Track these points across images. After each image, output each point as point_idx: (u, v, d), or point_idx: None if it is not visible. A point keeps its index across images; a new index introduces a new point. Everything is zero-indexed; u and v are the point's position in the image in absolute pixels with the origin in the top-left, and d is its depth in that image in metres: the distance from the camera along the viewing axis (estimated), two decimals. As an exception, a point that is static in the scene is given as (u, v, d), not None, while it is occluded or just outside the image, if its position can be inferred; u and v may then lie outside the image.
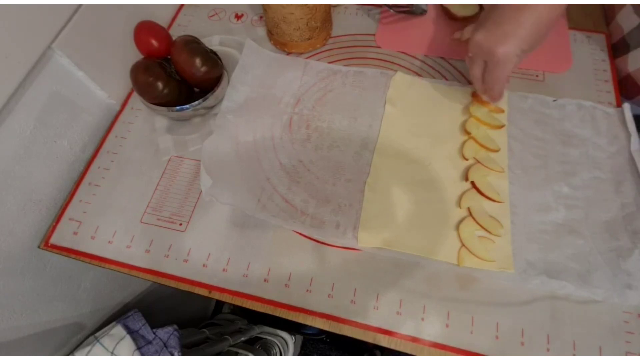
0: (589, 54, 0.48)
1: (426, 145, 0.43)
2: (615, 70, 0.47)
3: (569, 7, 0.52)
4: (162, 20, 0.56)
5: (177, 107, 0.44)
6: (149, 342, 0.45)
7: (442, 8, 0.53)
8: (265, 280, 0.38)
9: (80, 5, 0.41)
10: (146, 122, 0.48)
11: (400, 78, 0.48)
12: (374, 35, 0.53)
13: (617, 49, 0.48)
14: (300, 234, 0.40)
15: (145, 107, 0.45)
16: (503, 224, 0.38)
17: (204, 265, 0.39)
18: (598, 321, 0.34)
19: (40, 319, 0.45)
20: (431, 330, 0.35)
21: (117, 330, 0.44)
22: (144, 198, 0.43)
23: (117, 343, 0.43)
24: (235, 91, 0.47)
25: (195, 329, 0.65)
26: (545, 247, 0.37)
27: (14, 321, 0.41)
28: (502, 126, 0.43)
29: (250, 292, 0.38)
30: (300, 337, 0.94)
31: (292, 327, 0.88)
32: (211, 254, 0.40)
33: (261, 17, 0.56)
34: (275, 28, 0.49)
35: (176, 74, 0.44)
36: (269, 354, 0.78)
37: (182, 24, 0.57)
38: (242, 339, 0.73)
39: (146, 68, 0.42)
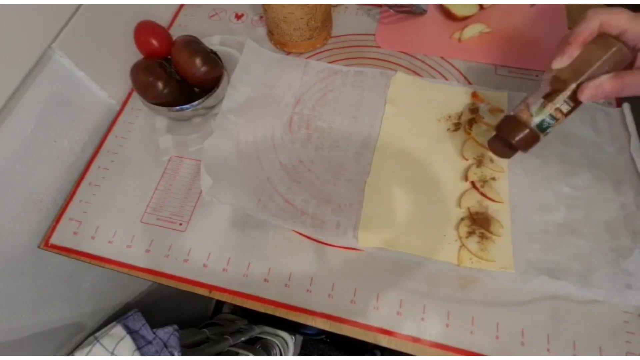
0: (589, 54, 0.48)
1: (426, 145, 0.43)
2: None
3: (569, 8, 0.52)
4: (163, 20, 0.56)
5: (177, 107, 0.43)
6: (149, 342, 0.45)
7: (442, 8, 0.53)
8: (265, 280, 0.38)
9: (80, 5, 0.41)
10: (146, 122, 0.48)
11: (401, 78, 0.48)
12: (374, 35, 0.53)
13: None
14: (301, 233, 0.40)
15: (146, 107, 0.45)
16: (503, 224, 0.38)
17: (204, 265, 0.39)
18: (598, 321, 0.34)
19: (41, 319, 0.45)
20: (431, 330, 0.35)
21: (117, 330, 0.44)
22: (144, 198, 0.43)
23: (117, 343, 0.43)
24: (235, 91, 0.47)
25: (196, 329, 0.65)
26: (546, 247, 0.37)
27: (14, 321, 0.41)
28: (502, 126, 0.43)
29: (250, 292, 0.38)
30: (300, 337, 0.94)
31: (293, 327, 0.88)
32: (211, 253, 0.40)
33: (261, 17, 0.56)
34: (275, 28, 0.49)
35: (176, 74, 0.44)
36: (269, 354, 0.78)
37: (182, 23, 0.57)
38: (243, 339, 0.73)
39: (146, 68, 0.42)
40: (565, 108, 0.32)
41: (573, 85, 0.32)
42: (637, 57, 0.31)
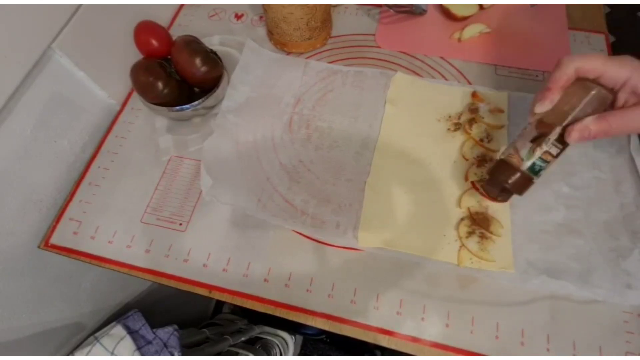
0: (588, 54, 0.49)
1: (426, 145, 0.43)
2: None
3: (569, 8, 0.52)
4: (163, 20, 0.56)
5: (177, 107, 0.44)
6: (149, 342, 0.45)
7: (442, 8, 0.53)
8: (265, 280, 0.38)
9: (80, 5, 0.41)
10: (146, 122, 0.48)
11: (401, 78, 0.48)
12: (373, 35, 0.53)
13: None
14: (301, 233, 0.40)
15: (146, 107, 0.45)
16: (503, 224, 0.38)
17: (204, 265, 0.39)
18: (598, 321, 0.34)
19: (41, 319, 0.45)
20: (431, 330, 0.35)
21: (117, 330, 0.44)
22: (144, 198, 0.43)
23: (117, 343, 0.43)
24: (235, 91, 0.47)
25: (196, 329, 0.65)
26: (546, 247, 0.37)
27: (14, 321, 0.41)
28: (502, 126, 0.43)
29: (250, 292, 0.38)
30: (300, 337, 0.94)
31: (292, 327, 0.88)
32: (211, 253, 0.40)
33: (261, 17, 0.56)
34: (275, 28, 0.49)
35: (176, 74, 0.44)
36: (269, 354, 0.78)
37: (182, 23, 0.57)
38: (242, 339, 0.73)
39: (146, 68, 0.42)
40: (554, 151, 0.33)
41: (558, 129, 0.32)
42: (618, 98, 0.32)
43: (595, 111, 0.32)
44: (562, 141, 0.33)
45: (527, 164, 0.33)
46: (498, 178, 0.36)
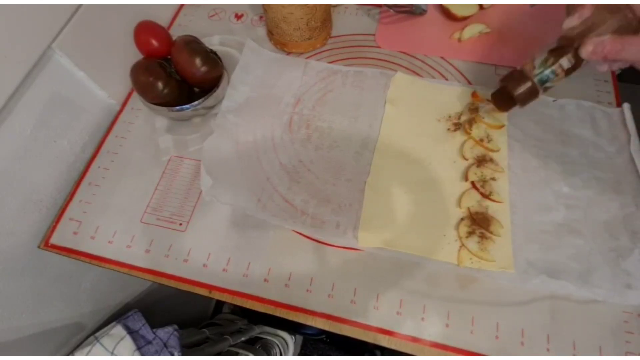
0: (588, 54, 0.49)
1: (426, 145, 0.44)
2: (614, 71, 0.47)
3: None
4: (162, 20, 0.56)
5: (177, 107, 0.44)
6: (149, 342, 0.45)
7: (442, 8, 0.53)
8: (265, 280, 0.38)
9: (80, 5, 0.41)
10: (146, 122, 0.48)
11: (401, 78, 0.48)
12: (373, 35, 0.53)
13: None
14: (301, 233, 0.40)
15: (146, 107, 0.45)
16: (503, 224, 0.38)
17: (204, 265, 0.39)
18: (598, 321, 0.34)
19: (41, 319, 0.45)
20: (431, 330, 0.35)
21: (117, 330, 0.44)
22: (144, 198, 0.43)
23: (117, 343, 0.43)
24: (235, 91, 0.47)
25: (196, 329, 0.65)
26: (546, 247, 0.37)
27: (14, 321, 0.41)
28: (502, 126, 0.43)
29: (250, 292, 0.38)
30: (300, 337, 0.94)
31: (292, 327, 0.88)
32: (211, 253, 0.40)
33: (261, 17, 0.56)
34: (275, 28, 0.49)
35: (176, 74, 0.44)
36: (269, 354, 0.78)
37: (182, 23, 0.57)
38: (242, 339, 0.73)
39: (146, 68, 0.42)
40: (566, 64, 0.34)
41: (576, 43, 0.33)
42: None
43: (618, 33, 0.32)
44: (577, 57, 0.33)
45: (538, 72, 0.34)
46: (506, 86, 0.37)
